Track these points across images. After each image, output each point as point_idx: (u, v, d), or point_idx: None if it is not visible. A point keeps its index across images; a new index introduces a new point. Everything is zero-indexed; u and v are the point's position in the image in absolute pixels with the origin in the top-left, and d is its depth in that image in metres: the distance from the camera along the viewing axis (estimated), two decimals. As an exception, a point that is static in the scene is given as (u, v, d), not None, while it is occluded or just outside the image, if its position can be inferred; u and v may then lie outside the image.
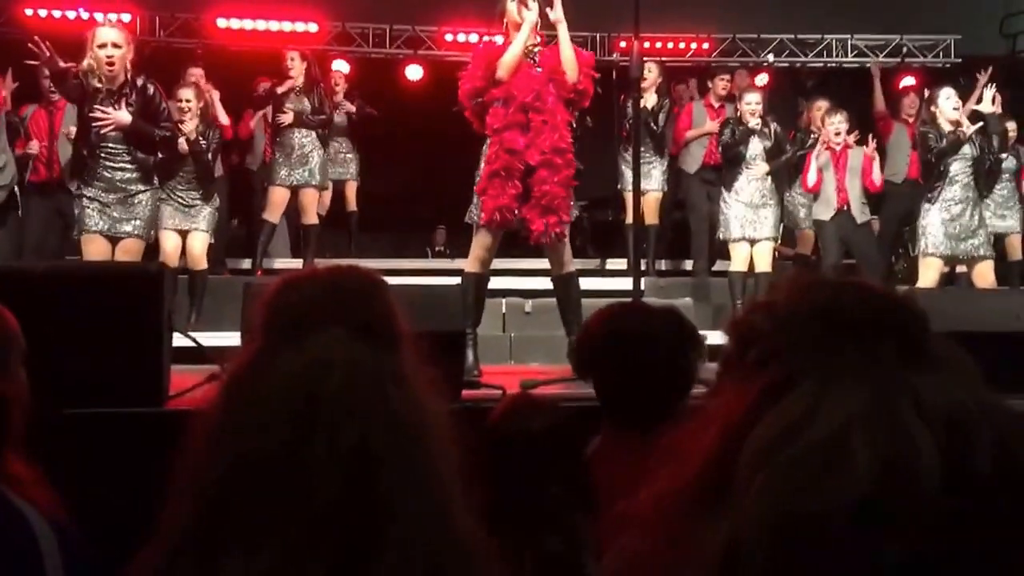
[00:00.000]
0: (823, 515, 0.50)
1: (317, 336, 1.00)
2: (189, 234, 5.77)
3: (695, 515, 0.56)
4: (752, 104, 6.09)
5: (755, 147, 6.02)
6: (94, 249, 4.53)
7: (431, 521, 0.94)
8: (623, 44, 8.26)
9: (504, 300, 6.02)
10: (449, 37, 8.53)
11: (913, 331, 0.59)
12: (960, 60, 8.55)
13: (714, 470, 0.56)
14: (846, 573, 0.50)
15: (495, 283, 4.61)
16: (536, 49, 4.14)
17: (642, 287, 4.67)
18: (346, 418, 0.94)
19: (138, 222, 4.58)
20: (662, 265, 7.51)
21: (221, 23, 7.99)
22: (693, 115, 7.27)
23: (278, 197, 6.58)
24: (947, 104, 5.43)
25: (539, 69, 4.08)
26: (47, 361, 2.36)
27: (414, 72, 8.47)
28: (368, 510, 0.91)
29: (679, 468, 0.59)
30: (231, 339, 3.95)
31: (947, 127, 5.42)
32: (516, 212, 4.01)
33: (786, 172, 6.60)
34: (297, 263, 6.79)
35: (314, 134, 6.54)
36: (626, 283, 5.08)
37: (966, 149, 5.41)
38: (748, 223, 5.97)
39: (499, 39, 4.25)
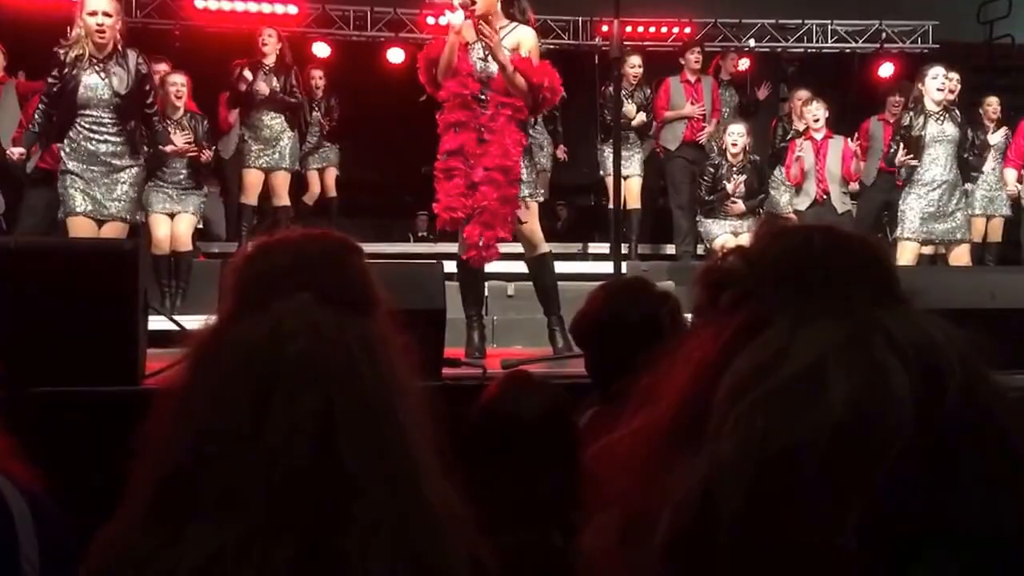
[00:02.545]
0: (798, 449, 0.51)
1: (282, 303, 0.98)
2: (176, 216, 5.78)
3: (671, 454, 0.56)
4: (735, 136, 6.04)
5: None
6: (79, 231, 4.48)
7: (400, 488, 0.93)
8: (605, 28, 8.24)
9: (486, 283, 5.98)
10: (431, 20, 8.47)
11: (883, 272, 0.59)
12: (938, 46, 8.62)
13: (689, 409, 0.57)
14: (821, 507, 0.50)
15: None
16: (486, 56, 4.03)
17: (624, 271, 4.68)
18: (307, 384, 0.92)
19: (122, 203, 4.54)
20: (646, 249, 7.54)
21: (199, 3, 7.90)
22: (670, 91, 7.21)
23: (252, 179, 6.55)
24: (932, 84, 5.39)
25: (489, 93, 3.98)
26: (20, 338, 2.34)
27: (395, 55, 8.40)
28: (335, 477, 0.90)
29: (655, 408, 0.59)
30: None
31: (932, 108, 5.39)
32: (462, 212, 4.00)
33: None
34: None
35: (283, 116, 6.47)
36: (608, 267, 5.09)
37: (948, 129, 5.39)
38: (728, 226, 6.14)
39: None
